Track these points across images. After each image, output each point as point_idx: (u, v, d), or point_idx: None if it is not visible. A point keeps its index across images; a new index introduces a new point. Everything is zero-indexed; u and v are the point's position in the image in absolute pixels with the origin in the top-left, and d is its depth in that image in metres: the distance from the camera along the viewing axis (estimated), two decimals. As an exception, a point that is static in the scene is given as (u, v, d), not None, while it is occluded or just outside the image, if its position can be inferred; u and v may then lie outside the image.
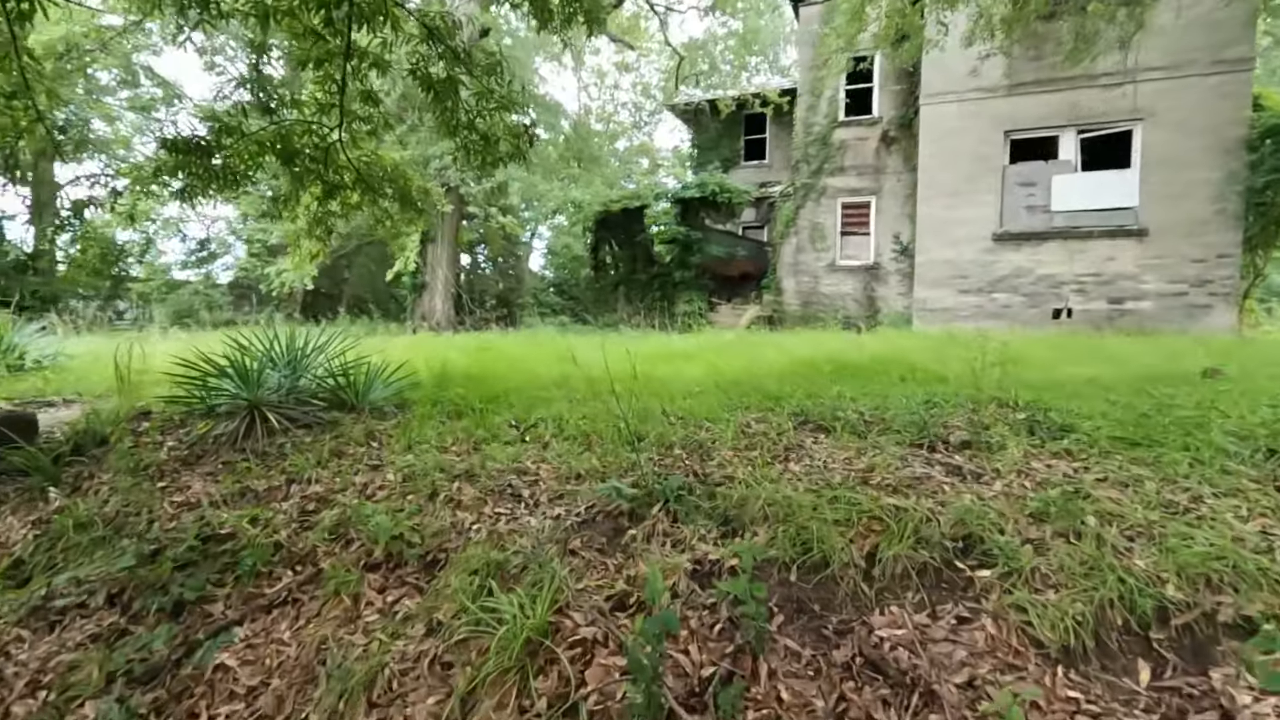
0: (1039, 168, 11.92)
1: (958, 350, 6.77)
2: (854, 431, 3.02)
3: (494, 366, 5.88)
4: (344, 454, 3.22)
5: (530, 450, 3.13)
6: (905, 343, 7.43)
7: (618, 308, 20.98)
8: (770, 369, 5.39)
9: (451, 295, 15.10)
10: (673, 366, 5.96)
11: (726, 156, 22.43)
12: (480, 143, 4.72)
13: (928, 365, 5.18)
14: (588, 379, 5.12)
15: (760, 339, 9.80)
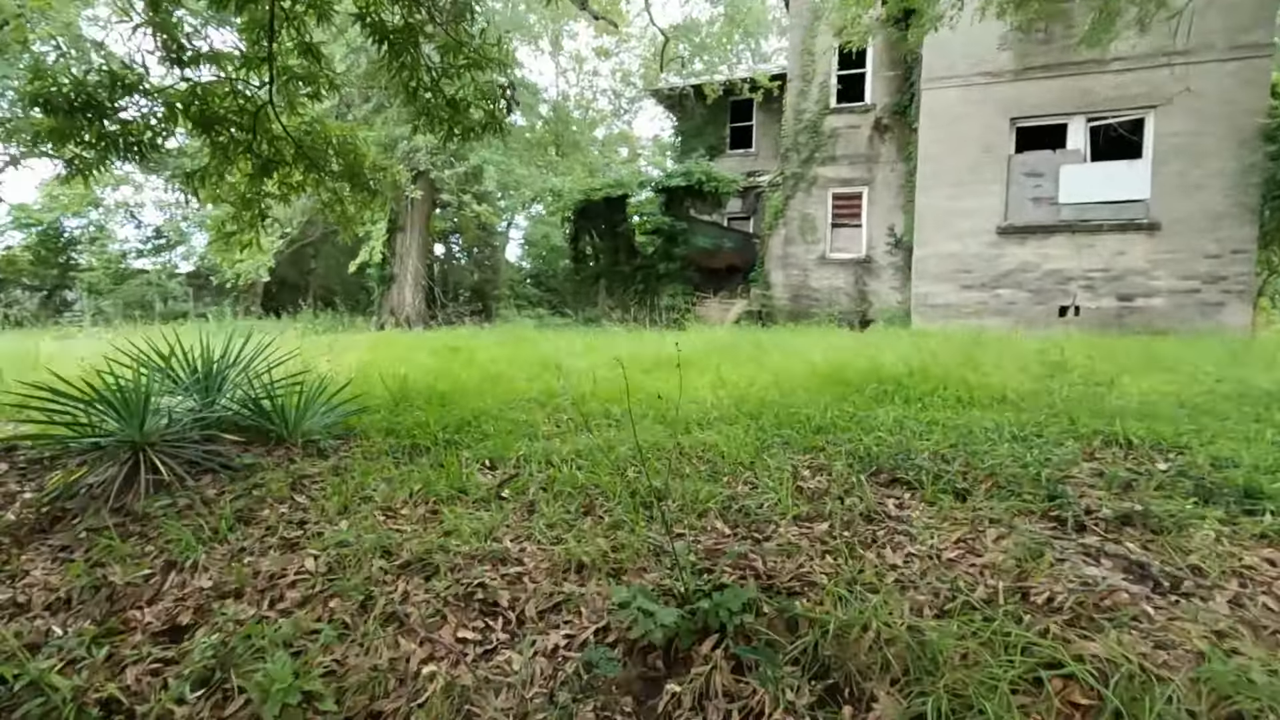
0: (1046, 157, 11.29)
1: (988, 355, 6.07)
2: (950, 490, 2.25)
3: (465, 377, 5.02)
4: (254, 518, 2.35)
5: (510, 514, 2.30)
6: (926, 345, 6.71)
7: (599, 301, 20.11)
8: (792, 381, 4.61)
9: (423, 288, 14.10)
10: (674, 376, 5.15)
11: (712, 144, 21.60)
12: (446, 109, 3.84)
13: (972, 377, 4.44)
14: (577, 395, 4.29)
15: (761, 338, 9.04)
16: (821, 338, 9.42)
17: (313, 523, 2.29)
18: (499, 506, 2.36)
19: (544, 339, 10.44)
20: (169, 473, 2.55)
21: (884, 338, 9.24)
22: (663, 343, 9.07)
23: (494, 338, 10.41)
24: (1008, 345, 6.60)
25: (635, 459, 2.70)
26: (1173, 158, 10.56)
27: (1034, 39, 11.26)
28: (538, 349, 7.62)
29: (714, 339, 9.25)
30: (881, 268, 16.70)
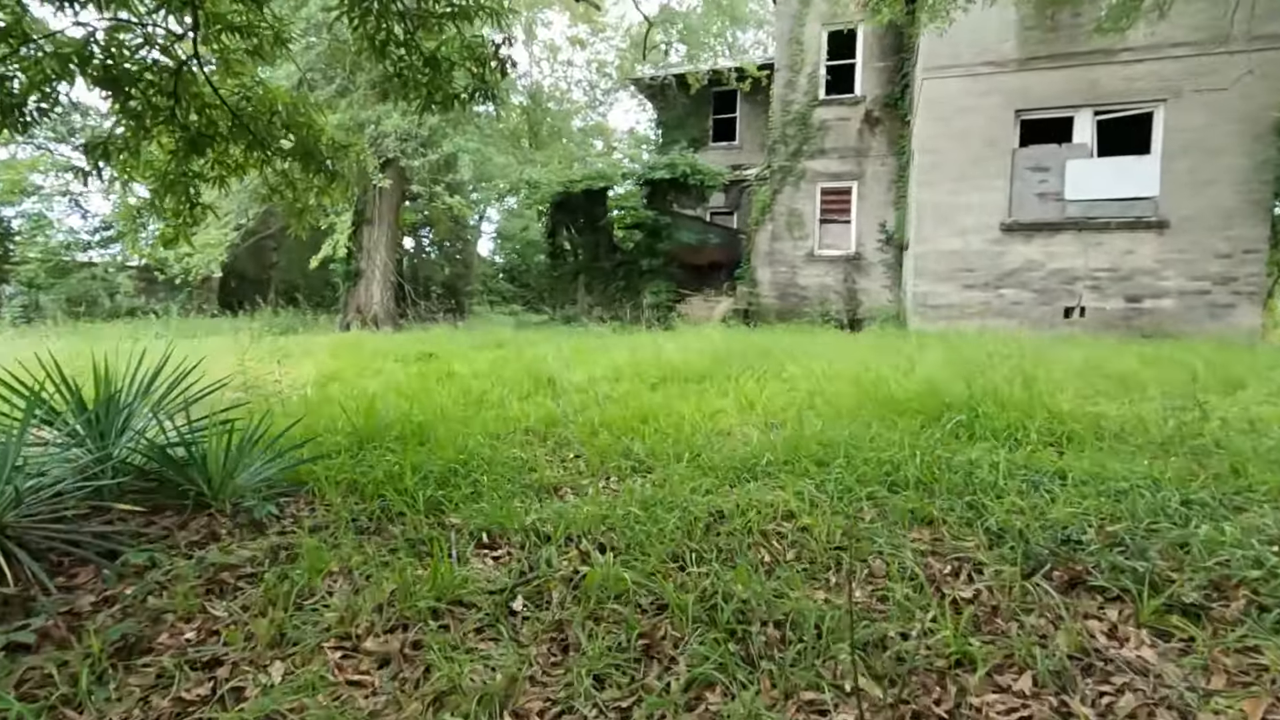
0: (1052, 151, 10.81)
1: (1035, 366, 5.43)
2: (1178, 605, 1.57)
3: (443, 398, 4.23)
4: (144, 649, 1.56)
5: (533, 652, 1.53)
6: (962, 352, 6.08)
7: (578, 298, 19.29)
8: (834, 403, 3.92)
9: (392, 285, 13.15)
10: (688, 397, 4.43)
11: (694, 136, 20.90)
12: (424, 71, 3.04)
13: (1052, 399, 3.79)
14: (582, 425, 3.54)
15: (761, 342, 8.36)
16: (825, 341, 8.79)
17: (230, 663, 1.52)
18: (512, 632, 1.61)
19: (525, 341, 9.64)
20: (20, 573, 1.73)
21: (892, 341, 8.64)
22: (656, 346, 8.34)
23: (470, 340, 9.57)
24: (1045, 352, 6.00)
25: (692, 537, 1.97)
26: (1182, 153, 10.15)
27: (1041, 27, 10.75)
28: (522, 357, 6.83)
29: (711, 343, 8.53)
30: (871, 265, 16.19)
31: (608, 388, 4.77)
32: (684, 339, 9.70)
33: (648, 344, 8.79)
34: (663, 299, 17.35)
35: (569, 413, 3.74)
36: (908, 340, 9.00)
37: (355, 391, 4.45)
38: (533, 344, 9.47)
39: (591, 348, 8.68)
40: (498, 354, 7.61)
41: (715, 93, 20.45)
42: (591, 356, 7.32)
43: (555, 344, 9.21)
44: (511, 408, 4.00)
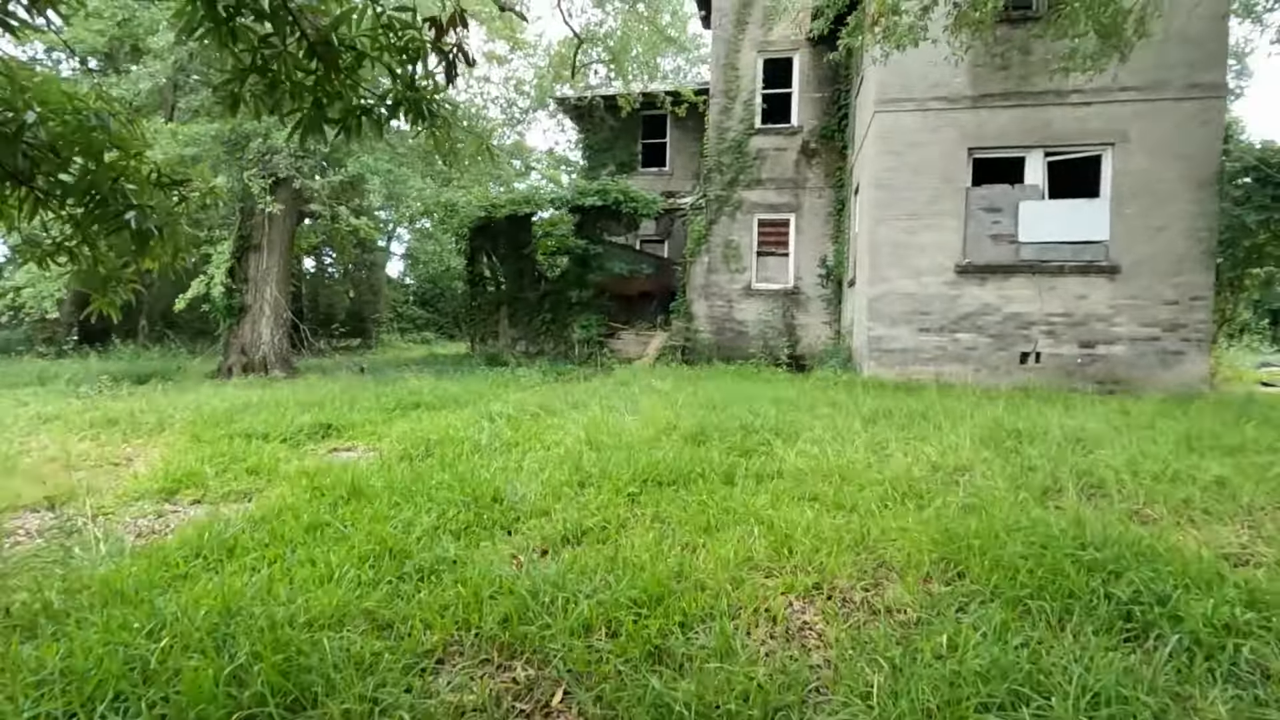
0: (1004, 192, 10.48)
1: (1095, 443, 4.61)
2: None
3: (341, 559, 2.82)
4: None
5: None
6: (996, 420, 5.20)
7: (500, 331, 17.79)
8: (918, 553, 2.83)
9: (284, 322, 11.27)
10: (689, 523, 3.26)
11: (623, 160, 19.98)
12: (308, 67, 1.75)
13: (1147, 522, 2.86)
14: (570, 623, 2.28)
15: (721, 394, 7.29)
16: (786, 394, 7.84)
17: None
18: None
19: (447, 397, 8.17)
20: None
21: (864, 395, 7.81)
22: (608, 407, 7.12)
23: (379, 397, 7.99)
24: (1064, 417, 5.23)
25: None
26: (1131, 198, 10.02)
27: (991, 65, 10.45)
28: (448, 435, 5.43)
29: (669, 403, 7.40)
30: (811, 300, 15.67)
31: (576, 511, 3.51)
32: (634, 394, 8.52)
33: (595, 399, 7.55)
34: (593, 333, 16.17)
35: (541, 589, 2.47)
36: (882, 393, 8.20)
37: (208, 542, 2.98)
38: (456, 402, 8.03)
39: (528, 405, 7.36)
40: (416, 427, 6.16)
41: (645, 116, 19.62)
42: (534, 428, 6.02)
43: (485, 404, 7.81)
44: (459, 574, 2.66)
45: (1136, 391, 9.92)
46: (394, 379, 10.76)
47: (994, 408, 6.89)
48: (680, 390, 9.22)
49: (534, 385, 10.49)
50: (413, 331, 27.96)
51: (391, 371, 12.59)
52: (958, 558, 2.78)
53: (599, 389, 9.29)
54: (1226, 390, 9.94)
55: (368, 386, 9.29)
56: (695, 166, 19.39)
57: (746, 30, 15.86)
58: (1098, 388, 10.08)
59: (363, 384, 9.78)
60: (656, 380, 10.37)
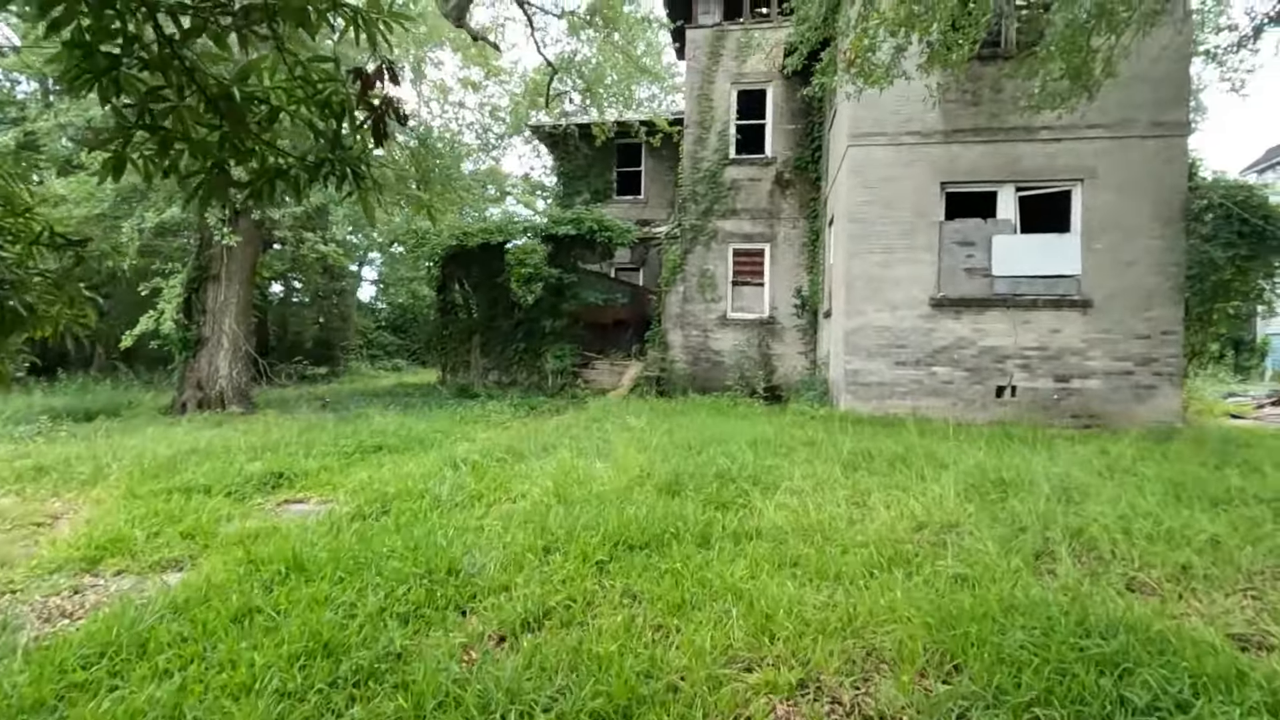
0: (977, 226, 10.51)
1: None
2: None
3: (270, 661, 2.50)
4: None
5: None
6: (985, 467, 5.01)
7: (472, 360, 17.41)
8: (908, 644, 2.58)
9: (244, 355, 10.80)
10: (661, 598, 3.00)
11: (597, 189, 19.91)
12: (211, 119, 1.49)
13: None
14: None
15: (697, 433, 7.03)
16: (765, 434, 7.62)
17: None
18: None
19: (412, 440, 7.81)
20: None
21: (844, 433, 7.61)
22: (577, 443, 6.84)
23: (339, 440, 7.60)
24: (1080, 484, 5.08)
25: None
26: (1101, 233, 10.10)
27: (962, 101, 10.54)
28: (412, 493, 5.10)
29: (643, 446, 7.14)
30: (786, 330, 15.61)
31: (539, 586, 3.21)
32: (607, 431, 8.24)
33: (565, 439, 7.26)
34: (566, 364, 15.88)
35: (494, 698, 2.17)
36: (860, 431, 8.03)
37: (119, 637, 2.62)
38: (421, 444, 7.68)
39: (496, 447, 7.04)
40: (375, 475, 5.81)
41: (620, 145, 19.63)
42: (500, 476, 5.71)
43: (451, 446, 7.48)
44: (385, 696, 2.35)
45: (1111, 425, 9.90)
46: (357, 415, 10.35)
47: (974, 450, 6.75)
48: (655, 428, 8.97)
49: (504, 421, 10.15)
50: (383, 359, 27.39)
51: (356, 405, 12.16)
52: (954, 647, 2.54)
53: (571, 426, 9.00)
54: (1199, 424, 9.97)
55: (328, 425, 8.88)
56: (670, 195, 19.38)
57: (720, 62, 15.94)
58: (1073, 422, 10.05)
59: (323, 422, 9.36)
60: (631, 416, 10.11)
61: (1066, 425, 9.94)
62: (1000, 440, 7.99)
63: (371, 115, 1.58)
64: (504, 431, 9.18)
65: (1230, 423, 10.77)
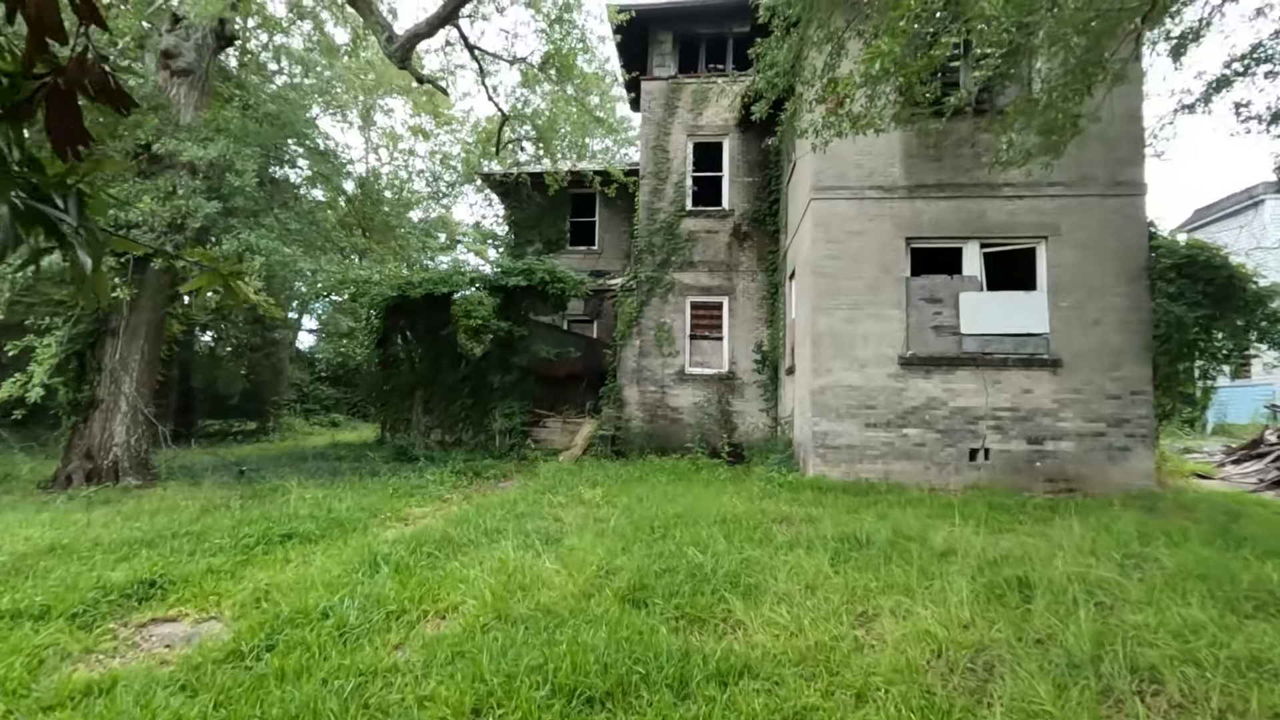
0: (945, 283, 10.20)
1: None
2: None
3: None
4: None
5: None
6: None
7: (413, 417, 16.23)
8: None
9: (142, 421, 9.51)
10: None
11: (550, 238, 19.31)
12: None
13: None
14: None
15: (659, 506, 6.17)
16: (736, 509, 6.82)
17: None
18: None
19: (331, 523, 6.72)
20: None
21: (821, 506, 6.88)
22: (525, 525, 5.91)
23: (241, 523, 6.46)
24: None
25: None
26: (1067, 291, 9.90)
27: (925, 156, 10.35)
28: (311, 615, 4.09)
29: (600, 534, 6.27)
30: (746, 385, 15.04)
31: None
32: (559, 505, 7.32)
33: (511, 521, 6.30)
34: (516, 422, 14.89)
35: None
36: (837, 504, 7.31)
37: None
38: (341, 527, 6.61)
39: (430, 536, 6.04)
40: (274, 580, 4.76)
41: (574, 194, 19.16)
42: (429, 579, 4.74)
43: (376, 531, 6.44)
44: None
45: (1086, 489, 9.50)
46: (275, 485, 9.14)
47: (967, 530, 6.10)
48: (612, 500, 8.09)
49: (443, 494, 9.10)
50: (320, 413, 25.75)
51: (278, 472, 10.88)
52: None
53: (518, 501, 8.03)
54: (1176, 488, 9.65)
55: (234, 503, 7.69)
56: (625, 246, 18.91)
57: (676, 114, 15.73)
58: (1048, 486, 9.62)
59: (231, 497, 8.15)
60: (584, 485, 9.21)
61: (1043, 490, 9.49)
62: (984, 512, 7.41)
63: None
64: (442, 508, 8.15)
65: (1200, 484, 10.53)
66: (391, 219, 12.91)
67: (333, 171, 12.64)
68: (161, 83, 9.68)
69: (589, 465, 12.58)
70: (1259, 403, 17.35)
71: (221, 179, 8.34)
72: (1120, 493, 9.38)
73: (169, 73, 9.75)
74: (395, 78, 27.08)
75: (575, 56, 13.27)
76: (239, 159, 8.08)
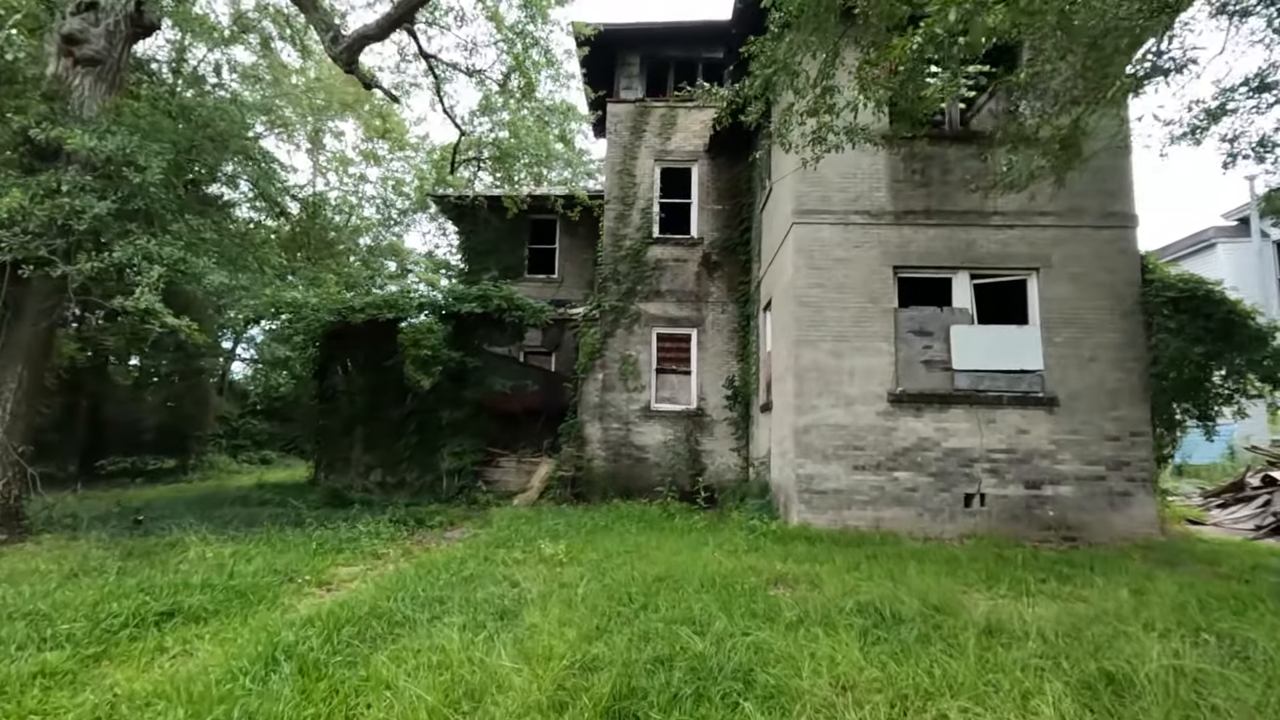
0: (934, 314, 9.55)
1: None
2: None
3: None
4: None
5: None
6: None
7: (352, 455, 14.74)
8: None
9: (13, 464, 7.96)
10: None
11: (507, 265, 18.22)
12: None
13: None
14: None
15: (665, 564, 5.08)
16: (730, 562, 5.78)
17: None
18: None
19: (233, 592, 5.41)
20: None
21: (828, 566, 5.90)
22: (474, 596, 4.75)
23: (112, 592, 5.10)
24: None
25: None
26: (1062, 326, 9.36)
27: (910, 181, 9.79)
28: None
29: (569, 608, 5.17)
30: (716, 423, 14.12)
31: None
32: (515, 563, 6.16)
33: (458, 589, 5.12)
34: (466, 462, 13.58)
35: None
36: (833, 558, 6.34)
37: None
38: (244, 598, 5.30)
39: (355, 611, 4.81)
40: (131, 689, 3.49)
41: (533, 220, 18.21)
42: (347, 680, 3.55)
43: (287, 603, 5.18)
44: None
45: (1089, 538, 8.81)
46: (174, 539, 7.69)
47: (1003, 597, 5.21)
48: (578, 556, 6.96)
49: (378, 547, 7.80)
50: (250, 450, 23.71)
51: (186, 518, 9.35)
52: None
53: (467, 558, 6.82)
54: (1179, 535, 9.06)
55: (111, 566, 6.26)
56: (587, 274, 17.99)
57: (643, 138, 15.04)
58: (1049, 534, 8.89)
59: (109, 556, 6.70)
60: (545, 538, 8.03)
61: (1043, 539, 8.76)
62: (996, 567, 6.59)
63: None
64: (375, 566, 6.88)
65: (1197, 530, 10.01)
66: (332, 233, 11.70)
67: (269, 183, 11.37)
68: (61, 71, 8.39)
69: (548, 511, 11.37)
70: (1220, 444, 17.29)
71: (121, 177, 7.07)
72: (1124, 542, 8.73)
73: (71, 60, 8.47)
74: (345, 96, 25.92)
75: (540, 70, 12.47)
76: (142, 155, 6.85)
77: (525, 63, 13.17)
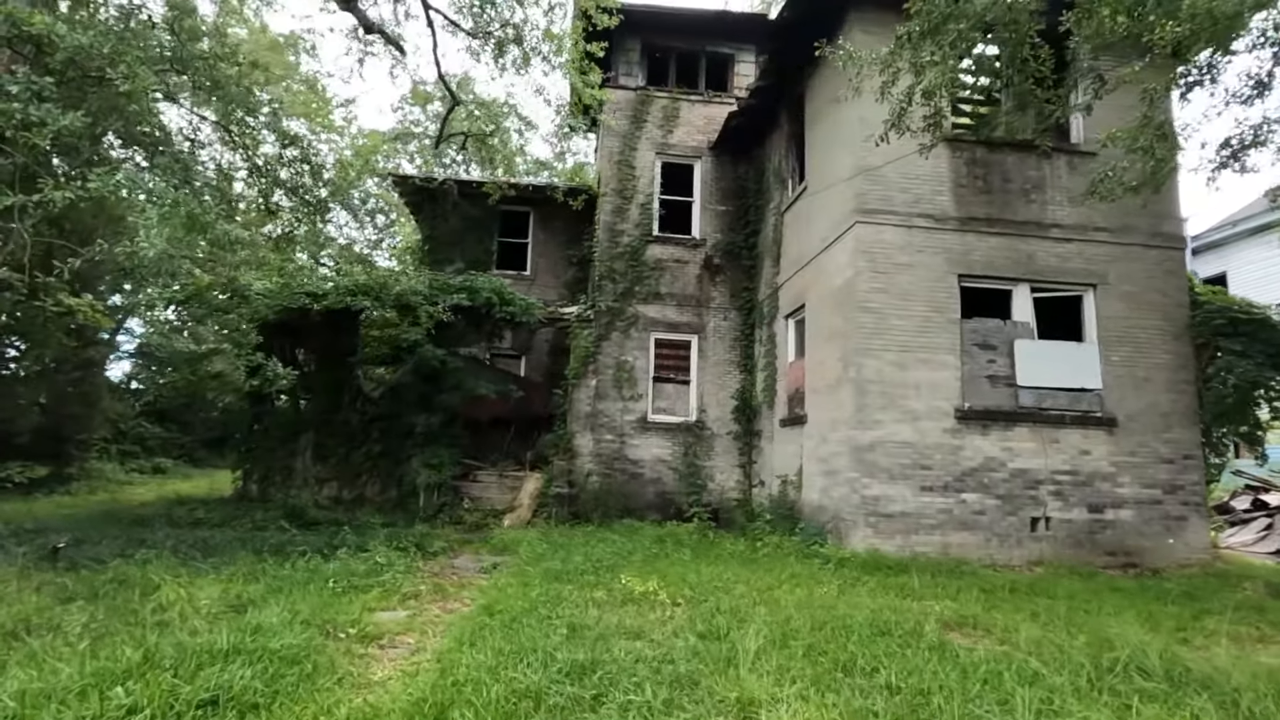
0: (998, 327, 9.05)
1: None
2: None
3: None
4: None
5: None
6: None
7: (297, 465, 12.60)
8: None
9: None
10: None
11: (474, 258, 16.48)
12: None
13: None
14: None
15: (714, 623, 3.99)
16: (790, 603, 4.77)
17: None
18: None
19: (273, 669, 3.80)
20: None
21: (913, 602, 5.00)
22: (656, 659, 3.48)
23: (89, 684, 3.40)
24: None
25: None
26: (1117, 344, 9.10)
27: (972, 186, 9.29)
28: None
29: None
30: (717, 437, 13.15)
31: None
32: (644, 629, 4.85)
33: (592, 652, 3.79)
34: (445, 475, 11.85)
35: None
36: (921, 594, 5.46)
37: None
38: (293, 673, 3.72)
39: (460, 682, 3.41)
40: None
41: (504, 211, 16.62)
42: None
43: (352, 675, 3.67)
44: None
45: (1149, 563, 8.50)
46: (120, 573, 5.76)
47: (1180, 646, 4.49)
48: (678, 593, 5.72)
49: (401, 583, 6.17)
50: (141, 457, 20.39)
51: (113, 543, 7.26)
52: None
53: (537, 603, 5.40)
54: (1234, 563, 8.92)
55: (72, 618, 4.40)
56: (562, 273, 16.58)
57: (644, 128, 13.98)
58: (1109, 560, 8.51)
59: (49, 601, 4.79)
60: (625, 573, 6.69)
61: (1108, 565, 8.36)
62: (1090, 599, 5.98)
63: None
64: (419, 612, 5.34)
65: (1233, 555, 9.99)
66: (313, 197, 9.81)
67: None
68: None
69: (555, 532, 9.94)
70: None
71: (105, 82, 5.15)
72: (1182, 567, 8.48)
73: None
74: (278, 66, 23.19)
75: (549, 41, 11.18)
76: (126, 59, 4.95)
77: (525, 30, 11.83)
